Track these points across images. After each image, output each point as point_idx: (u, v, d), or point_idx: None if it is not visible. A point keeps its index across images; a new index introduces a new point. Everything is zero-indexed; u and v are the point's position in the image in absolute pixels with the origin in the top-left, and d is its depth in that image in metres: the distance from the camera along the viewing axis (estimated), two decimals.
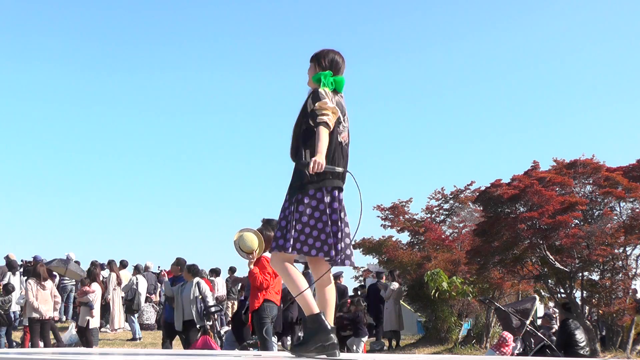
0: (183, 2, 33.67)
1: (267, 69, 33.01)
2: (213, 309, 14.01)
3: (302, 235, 4.03)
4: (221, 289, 17.57)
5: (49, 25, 31.60)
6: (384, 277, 16.03)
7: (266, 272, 7.33)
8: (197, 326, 10.85)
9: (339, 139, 4.19)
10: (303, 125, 4.15)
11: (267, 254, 7.17)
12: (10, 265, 15.65)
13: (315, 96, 4.14)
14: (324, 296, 4.18)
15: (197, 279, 11.08)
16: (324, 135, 4.00)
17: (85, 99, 31.63)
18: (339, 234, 4.08)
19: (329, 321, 4.14)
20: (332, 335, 4.07)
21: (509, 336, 10.43)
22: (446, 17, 33.33)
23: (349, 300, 12.95)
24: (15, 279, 15.16)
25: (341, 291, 14.44)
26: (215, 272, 18.14)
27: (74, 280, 17.64)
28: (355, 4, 33.87)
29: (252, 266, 7.58)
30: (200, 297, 10.91)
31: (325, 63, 4.33)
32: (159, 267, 19.57)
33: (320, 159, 3.91)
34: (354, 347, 11.94)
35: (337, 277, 15.01)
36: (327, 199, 4.08)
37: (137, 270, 16.87)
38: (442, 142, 32.72)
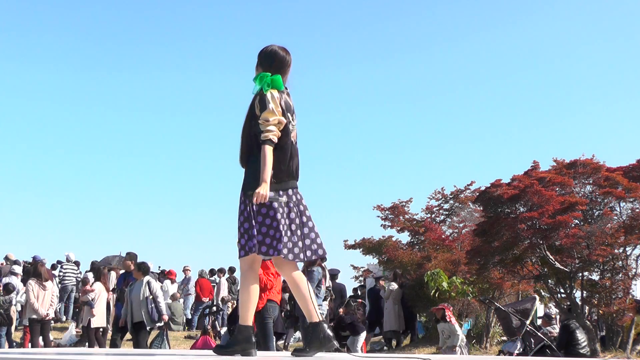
0: (183, 2, 33.69)
1: None
2: (214, 309, 14.00)
3: (260, 236, 4.09)
4: (225, 290, 17.56)
5: (49, 25, 31.63)
6: (382, 281, 15.97)
7: (269, 273, 7.35)
8: (148, 328, 10.07)
9: (291, 139, 4.22)
10: (252, 130, 4.14)
11: None
12: (14, 264, 15.75)
13: (261, 102, 4.13)
14: (300, 293, 4.21)
15: (147, 278, 10.26)
16: (269, 156, 4.03)
17: (85, 99, 31.69)
18: (298, 231, 4.14)
19: (314, 316, 4.17)
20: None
21: (445, 304, 10.58)
22: (446, 17, 33.36)
23: (341, 310, 12.95)
24: (17, 279, 15.20)
25: (338, 290, 14.52)
26: (221, 271, 18.12)
27: (74, 280, 17.67)
28: (356, 4, 33.90)
29: None
30: (151, 297, 10.09)
31: (267, 61, 4.29)
32: (159, 267, 19.58)
33: (263, 190, 3.98)
34: (354, 346, 11.95)
35: (334, 276, 15.07)
36: (283, 199, 4.14)
37: None
38: (442, 142, 32.74)
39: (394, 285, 15.07)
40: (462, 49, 32.39)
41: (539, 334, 10.71)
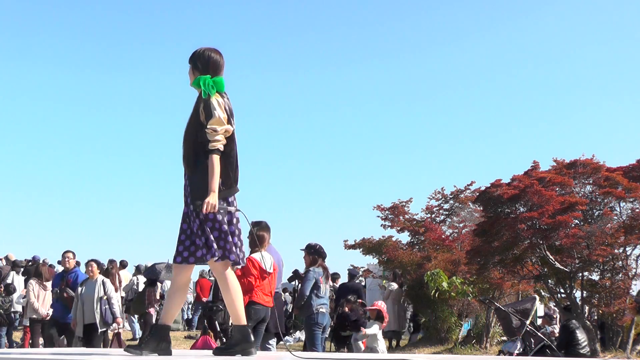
0: (183, 2, 33.70)
1: (266, 69, 33.04)
2: (214, 308, 13.96)
3: (222, 242, 4.13)
4: None
5: (49, 25, 31.64)
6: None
7: (250, 274, 7.25)
8: (99, 331, 9.44)
9: (235, 142, 4.23)
10: (199, 137, 4.11)
11: (253, 255, 7.20)
12: (15, 264, 15.74)
13: (207, 110, 4.09)
14: (229, 297, 4.24)
15: (102, 277, 9.67)
16: (217, 166, 4.03)
17: (85, 99, 31.66)
18: (235, 237, 4.21)
19: (241, 319, 4.24)
20: (253, 344, 4.27)
21: (378, 304, 10.51)
22: (446, 17, 33.35)
23: (345, 303, 12.96)
24: (18, 279, 15.21)
25: (356, 289, 14.63)
26: None
27: None
28: (355, 4, 33.90)
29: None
30: (105, 297, 9.50)
31: (202, 64, 4.25)
32: None
33: (213, 199, 3.99)
34: (356, 338, 11.92)
35: (353, 276, 15.16)
36: (232, 208, 4.19)
37: (137, 270, 16.87)
38: (442, 142, 32.69)
39: (394, 285, 15.08)
40: (462, 49, 32.40)
41: (539, 334, 10.72)
